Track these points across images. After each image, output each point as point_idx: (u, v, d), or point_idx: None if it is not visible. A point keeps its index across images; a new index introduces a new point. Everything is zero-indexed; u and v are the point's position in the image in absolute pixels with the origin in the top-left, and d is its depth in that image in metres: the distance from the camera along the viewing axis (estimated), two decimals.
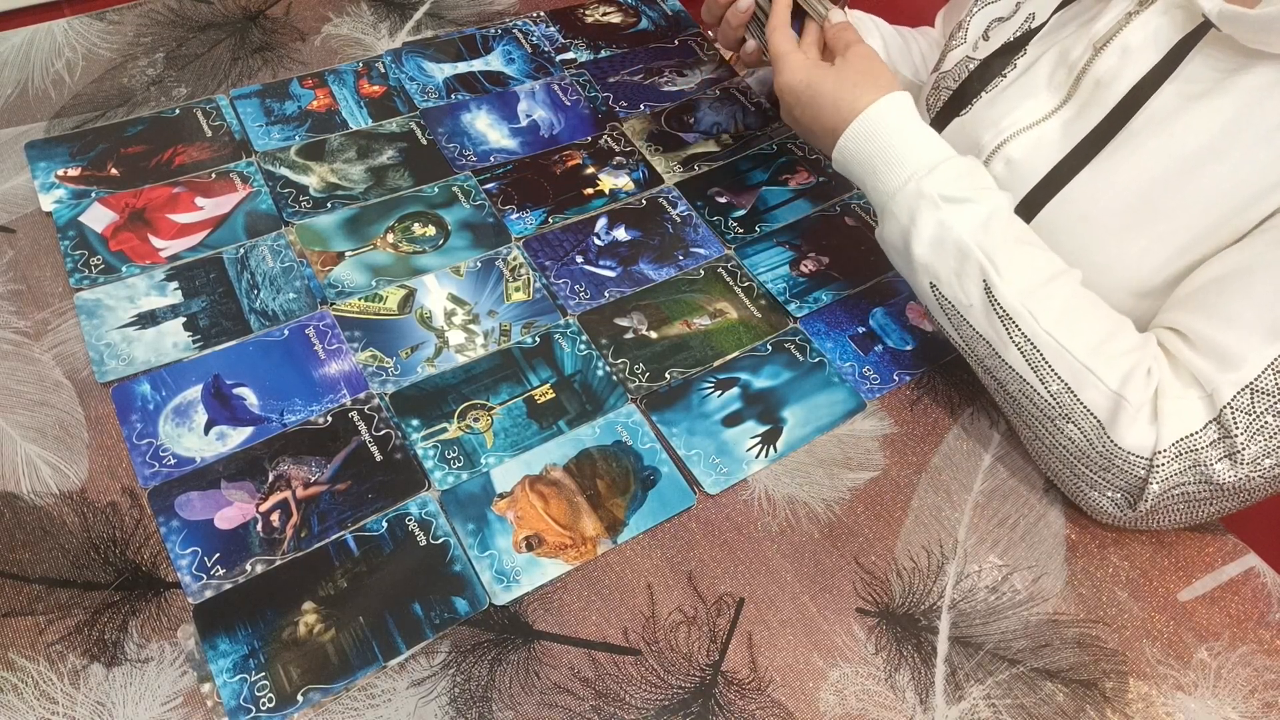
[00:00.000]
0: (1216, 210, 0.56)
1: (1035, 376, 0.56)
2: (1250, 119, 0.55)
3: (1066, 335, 0.55)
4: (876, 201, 0.62)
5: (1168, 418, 0.53)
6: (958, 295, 0.58)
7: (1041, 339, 0.55)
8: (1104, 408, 0.54)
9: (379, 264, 0.68)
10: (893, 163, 0.61)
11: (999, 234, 0.58)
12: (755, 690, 0.51)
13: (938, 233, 0.58)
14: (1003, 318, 0.56)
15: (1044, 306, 0.56)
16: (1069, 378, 0.55)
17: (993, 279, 0.56)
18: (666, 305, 0.68)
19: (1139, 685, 0.53)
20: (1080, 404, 0.54)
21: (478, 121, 0.80)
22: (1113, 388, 0.54)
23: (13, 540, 0.52)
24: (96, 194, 0.69)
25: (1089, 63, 0.63)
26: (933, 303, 0.60)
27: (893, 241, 0.61)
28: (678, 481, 0.59)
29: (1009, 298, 0.56)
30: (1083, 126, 0.63)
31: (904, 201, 0.60)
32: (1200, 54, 0.58)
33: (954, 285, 0.58)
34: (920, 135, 0.62)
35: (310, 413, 0.59)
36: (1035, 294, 0.56)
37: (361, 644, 0.50)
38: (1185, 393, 0.53)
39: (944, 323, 0.60)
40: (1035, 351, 0.56)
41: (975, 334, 0.58)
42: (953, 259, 0.58)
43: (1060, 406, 0.55)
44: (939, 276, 0.59)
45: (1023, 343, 0.56)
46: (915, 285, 0.61)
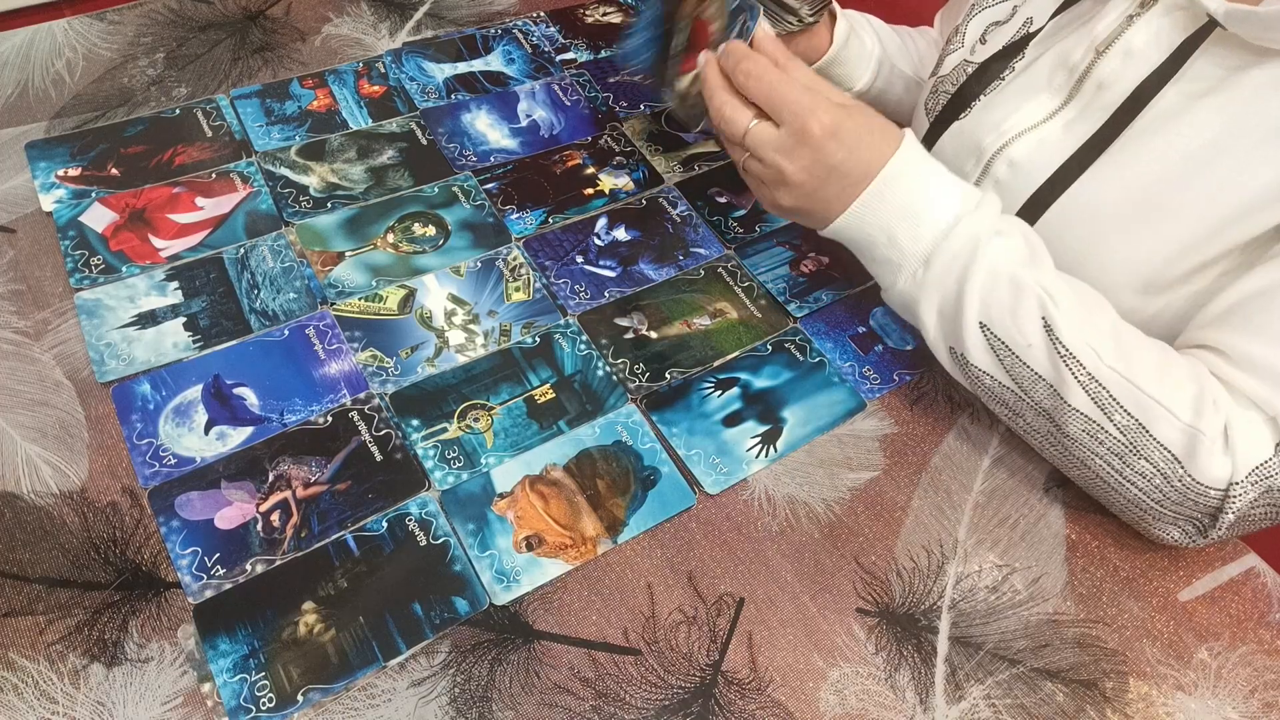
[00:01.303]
0: (1224, 207, 0.56)
1: (1103, 414, 0.53)
2: (1257, 114, 0.55)
3: (1129, 369, 0.53)
4: (913, 250, 0.57)
5: (1240, 446, 0.51)
6: (1013, 335, 0.55)
7: (1106, 375, 0.53)
8: (1179, 442, 0.52)
9: (379, 264, 0.68)
10: (936, 205, 0.57)
11: (1047, 266, 0.56)
12: (755, 690, 0.51)
13: (992, 269, 0.55)
14: (1065, 356, 0.53)
15: (1102, 340, 0.54)
16: (1139, 414, 0.52)
17: (1052, 314, 0.54)
18: (667, 305, 0.68)
19: (1139, 685, 0.53)
20: (1153, 439, 0.52)
21: (478, 121, 0.80)
22: (1186, 420, 0.52)
23: (13, 540, 0.52)
24: (97, 194, 0.69)
25: (1091, 65, 0.63)
26: (980, 347, 0.56)
27: (940, 284, 0.57)
28: (678, 481, 0.59)
29: (1069, 335, 0.53)
30: (1086, 127, 0.63)
31: (961, 241, 0.56)
32: (1205, 54, 0.58)
33: (1008, 324, 0.55)
34: (947, 174, 0.59)
35: (310, 413, 0.59)
36: (1091, 328, 0.54)
37: (361, 644, 0.50)
38: (1248, 417, 0.52)
39: (990, 368, 0.57)
40: (1101, 389, 0.53)
41: (1034, 375, 0.55)
42: (1008, 295, 0.55)
43: (1131, 444, 0.53)
44: (992, 316, 0.55)
45: (1087, 381, 0.53)
46: (960, 332, 0.57)
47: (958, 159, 0.71)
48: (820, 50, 0.82)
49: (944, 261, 0.56)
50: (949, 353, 0.59)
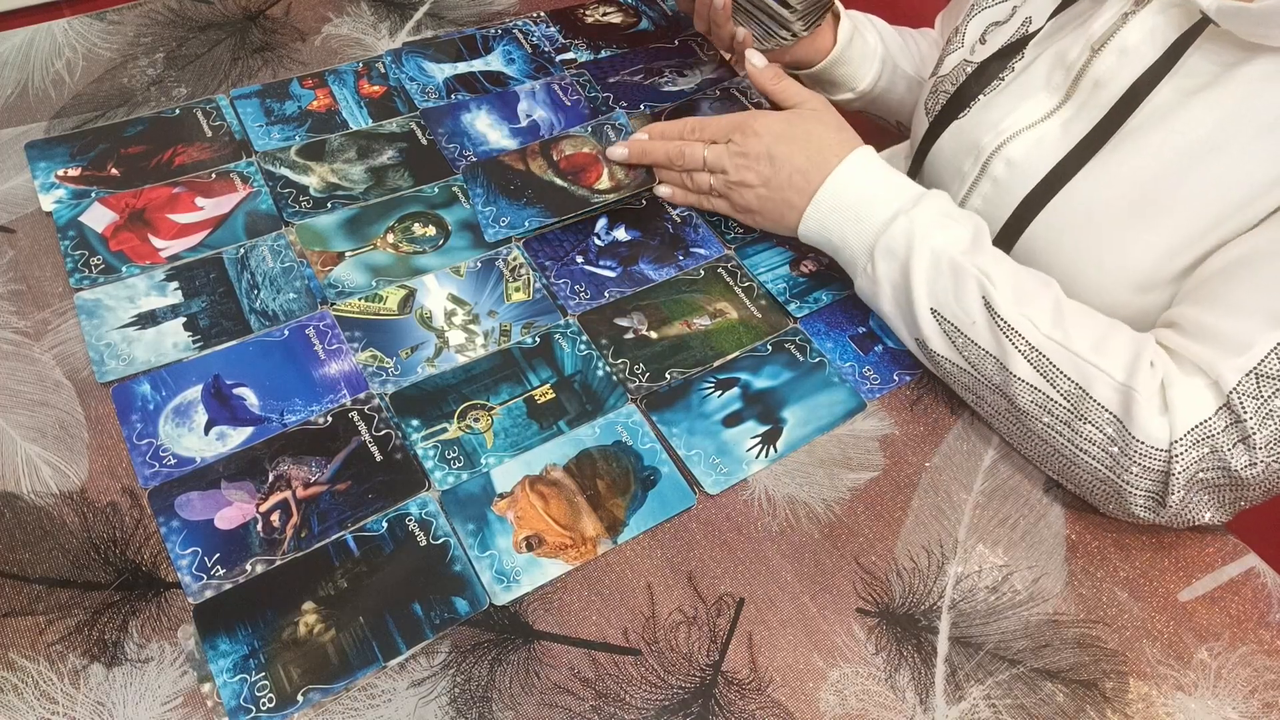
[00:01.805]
0: (1219, 203, 0.56)
1: (1045, 381, 0.56)
2: (1250, 110, 0.56)
3: (1067, 337, 0.56)
4: (861, 246, 0.63)
5: (1178, 406, 0.53)
6: (959, 315, 0.59)
7: (1044, 344, 0.56)
8: (1116, 401, 0.54)
9: (379, 264, 0.68)
10: (876, 205, 0.62)
11: (988, 251, 0.60)
12: (755, 690, 0.51)
13: (933, 258, 0.59)
14: (1005, 329, 0.57)
15: (1040, 313, 0.57)
16: (1078, 377, 0.55)
17: (990, 292, 0.57)
18: (667, 305, 0.68)
19: (1139, 685, 0.53)
20: (1093, 400, 0.54)
21: (478, 121, 0.80)
22: (1120, 379, 0.54)
23: (13, 540, 0.52)
24: (96, 194, 0.69)
25: (1087, 63, 0.63)
26: (934, 331, 0.60)
27: (890, 276, 0.61)
28: (678, 481, 0.59)
29: (1007, 309, 0.57)
30: (1082, 126, 0.63)
31: (898, 233, 0.60)
32: (1199, 50, 0.58)
33: (954, 306, 0.59)
34: (892, 178, 0.64)
35: (310, 413, 0.59)
36: (1029, 303, 0.57)
37: (361, 644, 0.50)
38: (1189, 381, 0.53)
39: (945, 349, 0.60)
40: (1041, 357, 0.56)
41: (982, 352, 0.58)
42: (950, 279, 0.59)
43: (1074, 407, 0.55)
44: (939, 300, 0.59)
45: (1027, 350, 0.56)
46: (914, 317, 0.61)
47: (956, 158, 0.71)
48: (824, 50, 0.82)
49: (885, 254, 0.61)
50: (915, 344, 0.63)
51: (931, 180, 0.76)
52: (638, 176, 0.76)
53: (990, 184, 0.68)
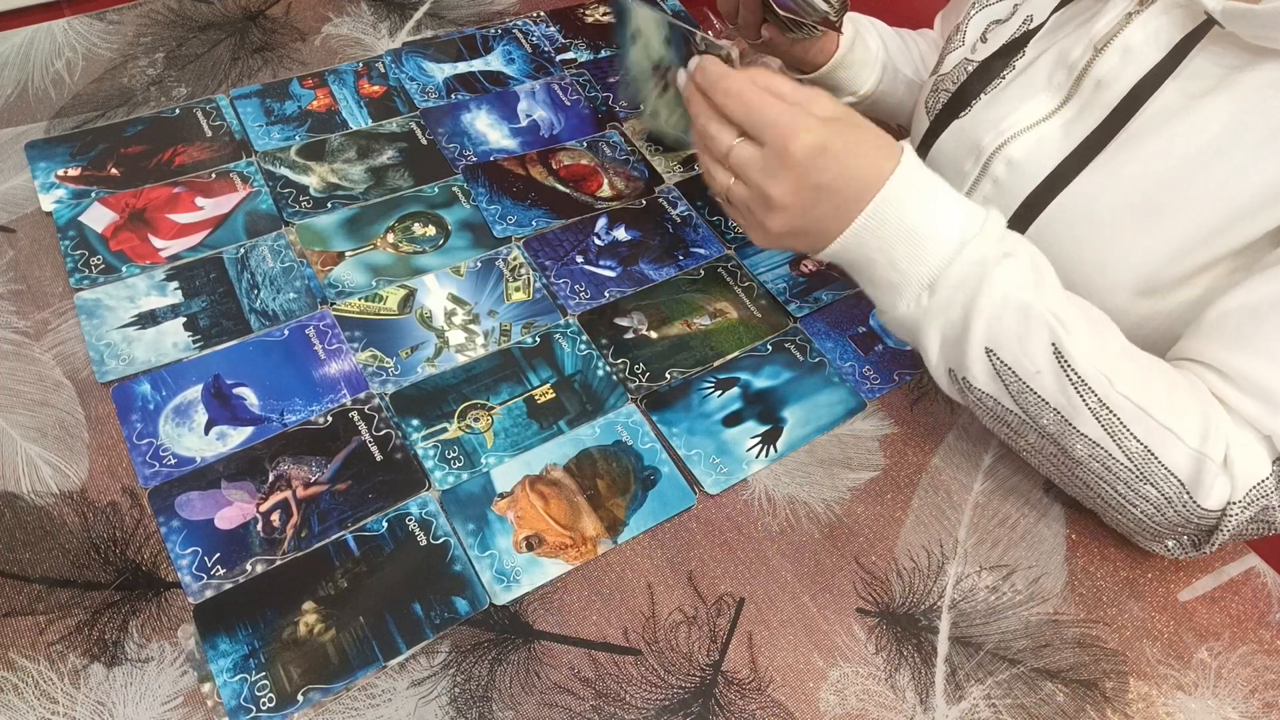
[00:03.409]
0: (1221, 209, 0.56)
1: (1112, 442, 0.52)
2: (1255, 117, 0.55)
3: (1140, 395, 0.52)
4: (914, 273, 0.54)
5: (1239, 465, 0.51)
6: (1021, 361, 0.52)
7: (1117, 402, 0.51)
8: (1186, 469, 0.51)
9: (379, 264, 0.68)
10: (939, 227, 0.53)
11: (1053, 288, 0.54)
12: (755, 690, 0.51)
13: (1002, 296, 0.52)
14: (1076, 384, 0.52)
15: (1114, 366, 0.52)
16: (1149, 440, 0.51)
17: (1063, 341, 0.51)
18: (667, 305, 0.68)
19: (1139, 685, 0.53)
20: (1163, 466, 0.52)
21: (478, 121, 0.80)
22: (1194, 446, 0.51)
23: (13, 540, 0.52)
24: (96, 194, 0.69)
25: (1089, 63, 0.63)
26: (985, 371, 0.54)
27: (945, 310, 0.54)
28: (678, 481, 0.59)
29: (1081, 362, 0.51)
30: (1084, 126, 0.63)
31: (968, 265, 0.52)
32: (1203, 52, 0.58)
33: (1016, 350, 0.52)
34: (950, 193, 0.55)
35: (310, 413, 0.59)
36: (1102, 353, 0.52)
37: (361, 644, 0.50)
38: (1244, 437, 0.52)
39: (994, 391, 0.54)
40: (1112, 416, 0.51)
41: (1042, 402, 0.53)
42: (1016, 321, 0.52)
43: (1139, 470, 0.52)
44: (999, 342, 0.53)
45: (1098, 408, 0.51)
46: (963, 357, 0.54)
47: (957, 158, 0.71)
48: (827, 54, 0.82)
49: (950, 288, 0.53)
50: (948, 374, 0.57)
51: None
52: (638, 187, 0.76)
53: (991, 184, 0.68)
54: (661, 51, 0.61)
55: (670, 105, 0.62)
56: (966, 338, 0.53)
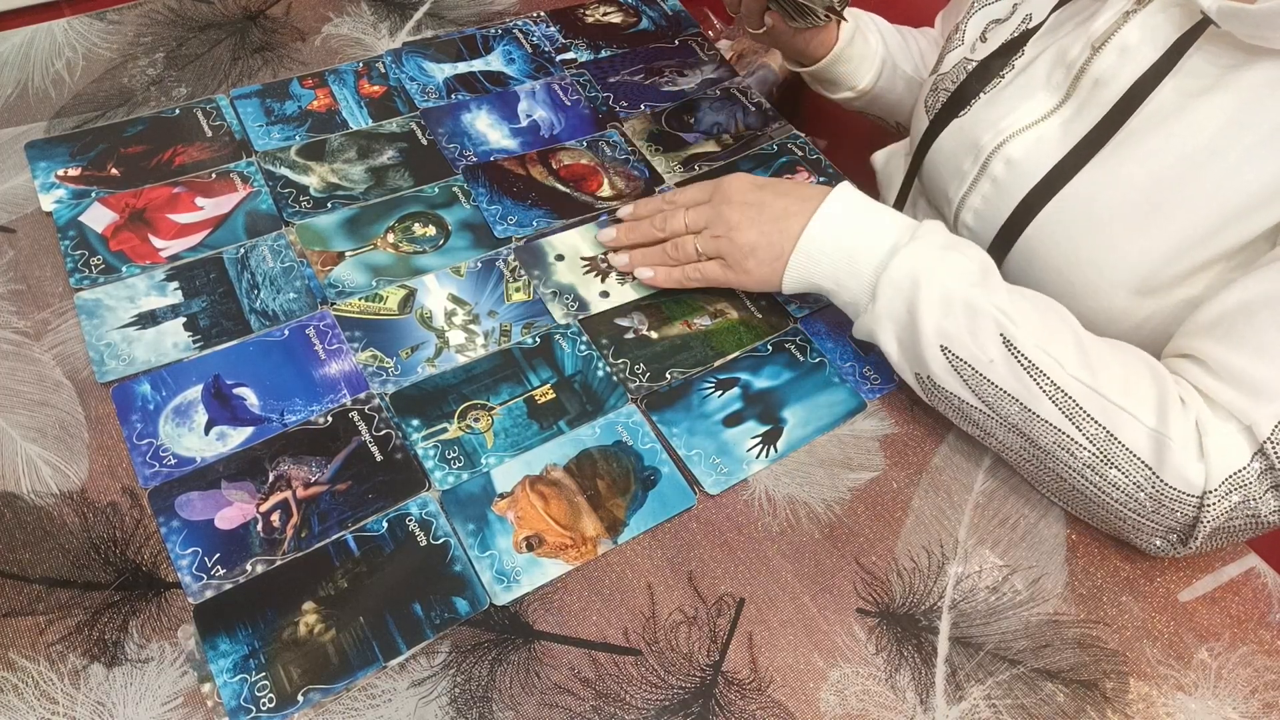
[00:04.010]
0: (1219, 209, 0.56)
1: (1072, 425, 0.54)
2: (1252, 116, 0.55)
3: (1093, 377, 0.54)
4: (859, 286, 0.60)
5: (1215, 454, 0.51)
6: (974, 354, 0.56)
7: (1070, 385, 0.53)
8: (1147, 448, 0.52)
9: (379, 264, 0.68)
10: (869, 239, 0.60)
11: (999, 284, 0.57)
12: (755, 690, 0.51)
13: (943, 293, 0.56)
14: (1029, 368, 0.54)
15: (1064, 350, 0.54)
16: (1106, 421, 0.53)
17: (1010, 330, 0.55)
18: (667, 305, 0.68)
19: (1139, 685, 0.53)
20: (1122, 447, 0.53)
21: (478, 121, 0.80)
22: (1151, 425, 0.52)
23: (13, 540, 0.52)
24: (97, 194, 0.69)
25: (1087, 62, 0.63)
26: (943, 369, 0.57)
27: (894, 314, 0.58)
28: (678, 481, 0.59)
29: (1030, 347, 0.54)
30: (1082, 125, 0.63)
31: (900, 270, 0.57)
32: (1200, 51, 0.58)
33: (969, 344, 0.56)
34: (882, 210, 0.61)
35: (310, 413, 0.59)
36: (1052, 339, 0.55)
37: (362, 644, 0.50)
38: (1224, 427, 0.52)
39: (956, 387, 0.57)
40: (1068, 399, 0.53)
41: (999, 390, 0.55)
42: (964, 316, 0.56)
43: (1102, 452, 0.53)
44: (950, 337, 0.56)
45: (1053, 391, 0.54)
46: (919, 354, 0.58)
47: (956, 157, 0.71)
48: (827, 46, 0.82)
49: (888, 292, 0.58)
50: (915, 378, 0.60)
51: (931, 179, 0.76)
52: (638, 187, 0.77)
53: (990, 183, 0.68)
54: None
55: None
56: (919, 337, 0.57)
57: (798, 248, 0.61)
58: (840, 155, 0.82)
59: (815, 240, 0.61)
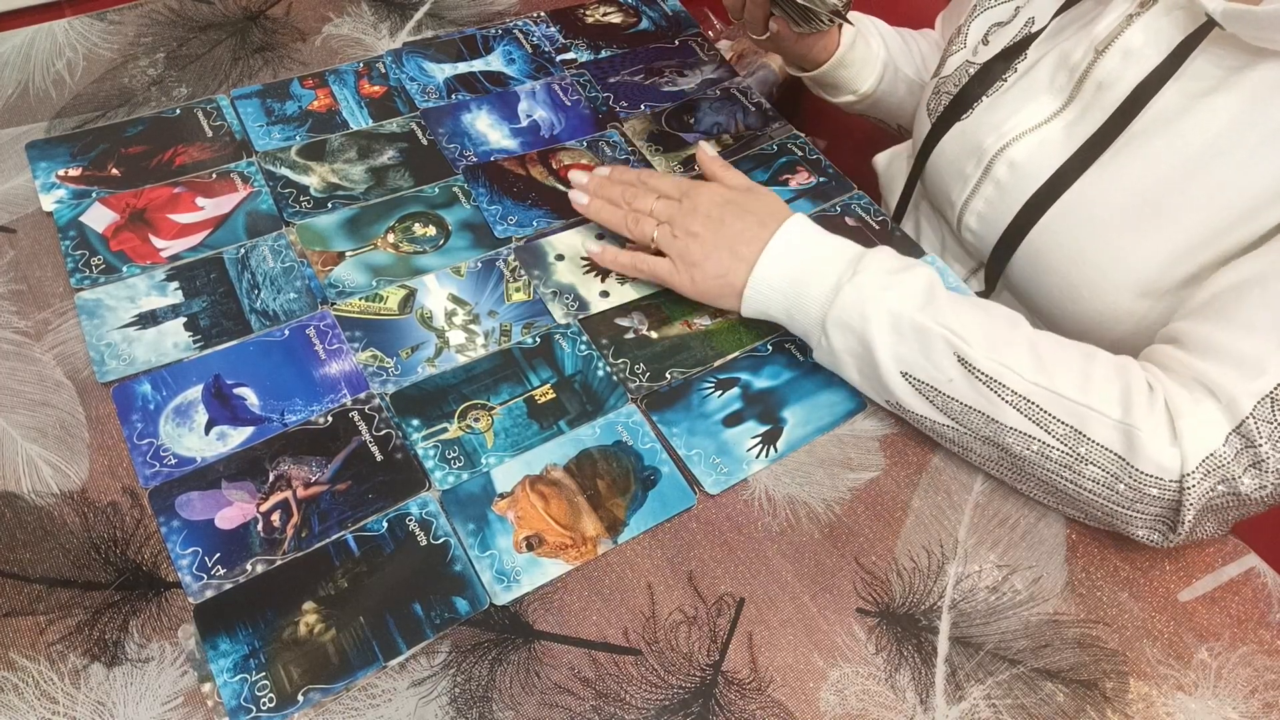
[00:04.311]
0: (1224, 210, 0.56)
1: (1039, 429, 0.54)
2: (1256, 117, 0.55)
3: (1051, 379, 0.54)
4: (811, 321, 0.60)
5: (1189, 436, 0.51)
6: (933, 375, 0.56)
7: (1030, 391, 0.54)
8: (1117, 440, 0.53)
9: (379, 264, 0.68)
10: (814, 275, 0.60)
11: (945, 304, 0.57)
12: (755, 690, 0.51)
13: (891, 321, 0.57)
14: (987, 382, 0.55)
15: (1018, 359, 0.55)
16: (1072, 420, 0.53)
17: (961, 349, 0.55)
18: (667, 305, 0.68)
19: (1139, 685, 0.53)
20: (1092, 442, 0.53)
21: (478, 122, 0.80)
22: (1115, 417, 0.53)
23: (13, 540, 0.52)
24: (97, 194, 0.69)
25: (1091, 65, 0.63)
26: (907, 393, 0.58)
27: (848, 348, 0.59)
28: (678, 481, 0.59)
29: (983, 361, 0.55)
30: (1086, 128, 0.63)
31: (847, 304, 0.58)
32: (1204, 53, 0.58)
33: (927, 366, 0.56)
34: (826, 244, 0.61)
35: (311, 413, 0.59)
36: (1004, 351, 0.55)
37: (362, 644, 0.50)
38: (1199, 407, 0.52)
39: (924, 409, 0.58)
40: (1030, 404, 0.54)
41: (964, 406, 0.56)
42: (915, 341, 0.56)
43: (1073, 451, 0.54)
44: (907, 362, 0.57)
45: (1015, 399, 0.54)
46: (882, 381, 0.59)
47: (959, 160, 0.71)
48: (829, 51, 0.82)
49: (839, 327, 0.59)
50: (888, 404, 0.61)
51: (934, 182, 0.76)
52: None
53: (993, 186, 0.68)
54: None
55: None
56: (877, 367, 0.58)
57: (750, 281, 0.61)
58: (840, 156, 0.82)
59: (765, 277, 0.61)
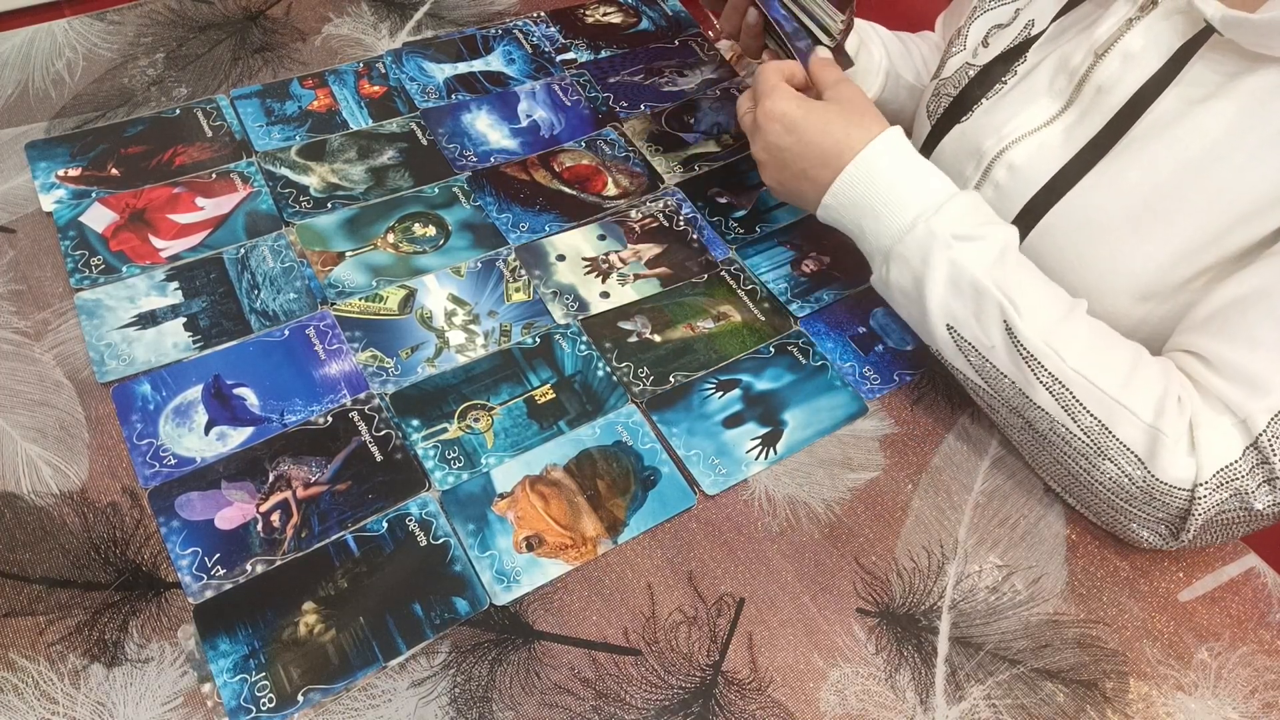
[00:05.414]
0: (1222, 215, 0.56)
1: (1066, 415, 0.54)
2: (1254, 123, 0.55)
3: (1094, 371, 0.54)
4: (877, 246, 0.60)
5: (1206, 448, 0.52)
6: (979, 336, 0.56)
7: (1069, 377, 0.54)
8: (1141, 442, 0.53)
9: (379, 264, 0.68)
10: (895, 205, 0.59)
11: (1013, 270, 0.57)
12: (755, 690, 0.51)
13: (952, 273, 0.56)
14: (1027, 358, 0.54)
15: (1067, 343, 0.54)
16: (1102, 414, 0.53)
17: (1013, 319, 0.55)
18: (670, 308, 0.68)
19: (1139, 685, 0.53)
20: (1116, 440, 0.53)
21: (478, 122, 0.80)
22: (1147, 421, 0.52)
23: (13, 540, 0.52)
24: (97, 194, 0.69)
25: (1090, 69, 0.63)
26: (949, 345, 0.58)
27: (901, 285, 0.59)
28: (678, 482, 0.59)
29: (1031, 337, 0.54)
30: (1085, 132, 0.63)
31: (914, 244, 0.57)
32: (1202, 59, 0.58)
33: (973, 326, 0.56)
34: (921, 172, 0.60)
35: (310, 413, 0.59)
36: (1056, 331, 0.55)
37: (362, 644, 0.50)
38: (1218, 420, 0.52)
39: (961, 364, 0.58)
40: (1064, 390, 0.54)
41: (999, 374, 0.56)
42: (970, 300, 0.56)
43: (1095, 444, 0.54)
44: (956, 318, 0.57)
45: (1050, 382, 0.54)
46: (927, 328, 0.59)
47: (958, 162, 0.71)
48: None
49: (899, 263, 0.59)
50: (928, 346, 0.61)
51: None
52: (642, 184, 0.77)
53: (992, 189, 0.68)
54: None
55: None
56: (925, 313, 0.58)
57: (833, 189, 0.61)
58: None
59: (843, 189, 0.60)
